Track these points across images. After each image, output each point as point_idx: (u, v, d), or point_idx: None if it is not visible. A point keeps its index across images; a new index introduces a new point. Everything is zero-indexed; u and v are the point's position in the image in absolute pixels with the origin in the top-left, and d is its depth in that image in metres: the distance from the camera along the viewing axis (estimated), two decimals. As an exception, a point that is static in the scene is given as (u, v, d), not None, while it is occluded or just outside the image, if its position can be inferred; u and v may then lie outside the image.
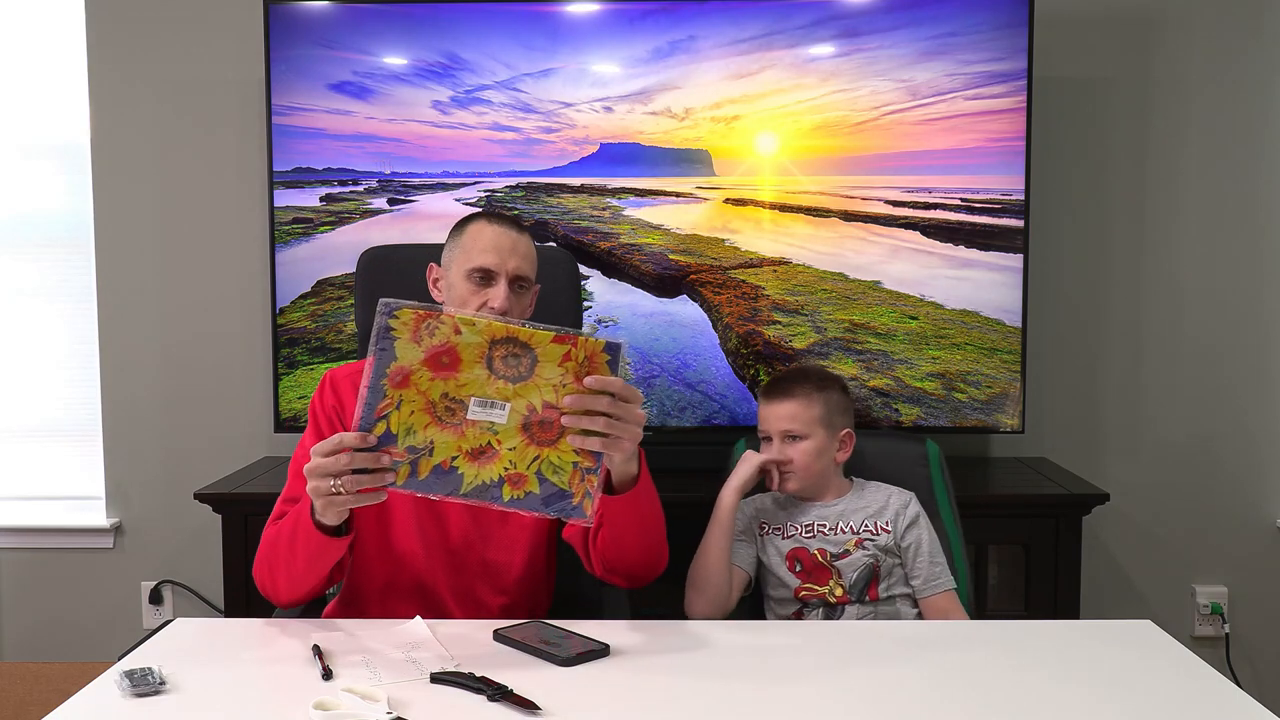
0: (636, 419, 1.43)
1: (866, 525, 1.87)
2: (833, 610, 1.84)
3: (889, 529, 1.87)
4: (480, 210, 1.81)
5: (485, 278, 1.69)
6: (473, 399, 1.37)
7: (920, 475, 2.03)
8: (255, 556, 1.64)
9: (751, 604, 1.95)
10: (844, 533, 1.87)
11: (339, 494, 1.39)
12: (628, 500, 1.55)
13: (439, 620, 1.61)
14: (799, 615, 1.86)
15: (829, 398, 1.92)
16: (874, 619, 1.83)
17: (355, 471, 1.38)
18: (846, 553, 1.85)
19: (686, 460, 2.32)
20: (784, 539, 1.89)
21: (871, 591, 1.84)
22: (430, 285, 1.80)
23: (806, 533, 1.88)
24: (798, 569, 1.86)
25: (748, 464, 1.90)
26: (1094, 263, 2.91)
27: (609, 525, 1.59)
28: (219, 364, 2.96)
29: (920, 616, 1.87)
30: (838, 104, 2.69)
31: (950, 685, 1.40)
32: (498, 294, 1.67)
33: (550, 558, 1.83)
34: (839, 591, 1.84)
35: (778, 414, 1.90)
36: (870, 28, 2.67)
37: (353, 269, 2.20)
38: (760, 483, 1.95)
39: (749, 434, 2.09)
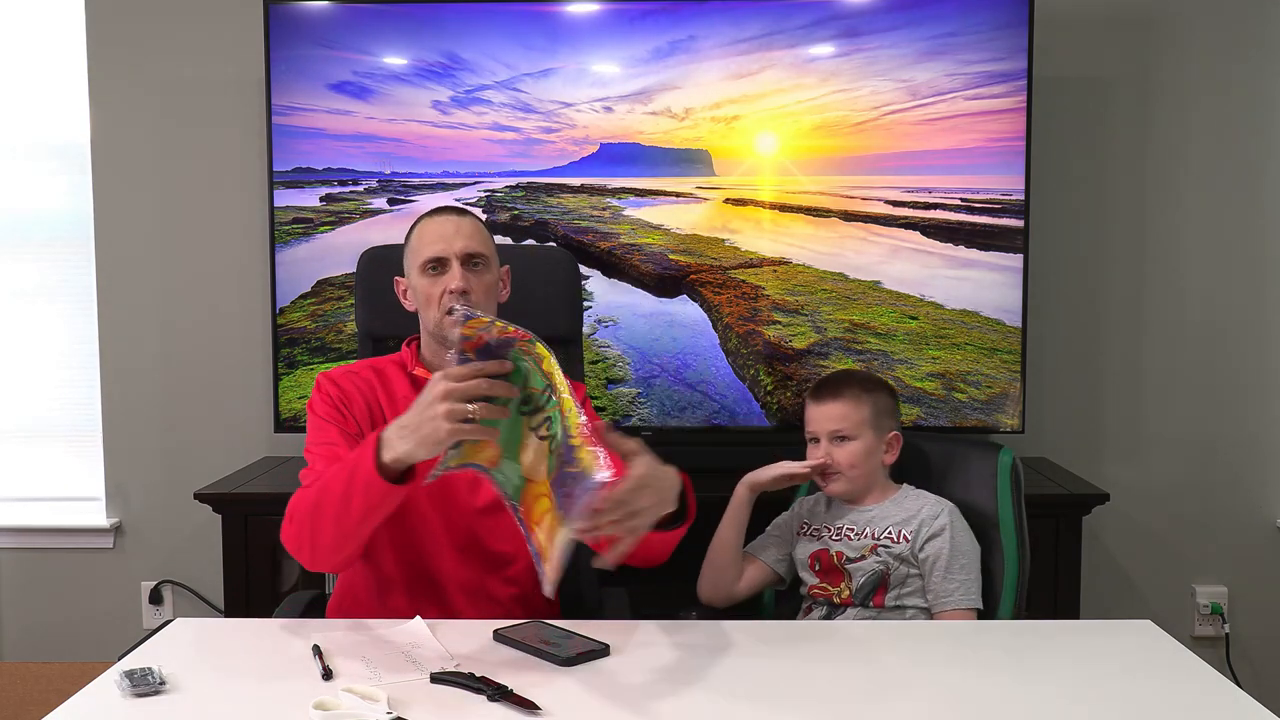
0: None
1: (888, 533, 1.87)
2: (834, 610, 1.85)
3: (908, 538, 1.86)
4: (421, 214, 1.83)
5: (437, 266, 1.71)
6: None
7: (986, 484, 1.96)
8: (286, 517, 1.58)
9: (791, 601, 1.98)
10: (865, 538, 1.88)
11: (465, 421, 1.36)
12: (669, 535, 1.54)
13: (439, 620, 1.61)
14: (807, 610, 1.90)
15: (877, 400, 1.92)
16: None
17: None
18: (860, 558, 1.86)
19: (686, 460, 2.29)
20: (814, 540, 1.92)
21: (877, 598, 1.85)
22: (401, 297, 1.82)
23: (834, 536, 1.90)
24: (816, 568, 1.89)
25: (774, 471, 1.93)
26: (1094, 263, 2.91)
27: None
28: (219, 364, 2.96)
29: None
30: (838, 104, 2.69)
31: (951, 685, 1.40)
32: (453, 276, 1.69)
33: None
34: (845, 594, 1.85)
35: (827, 414, 1.90)
36: (870, 28, 2.67)
37: (353, 269, 2.20)
38: (813, 484, 1.99)
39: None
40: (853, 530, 1.90)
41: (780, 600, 2.01)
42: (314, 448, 1.70)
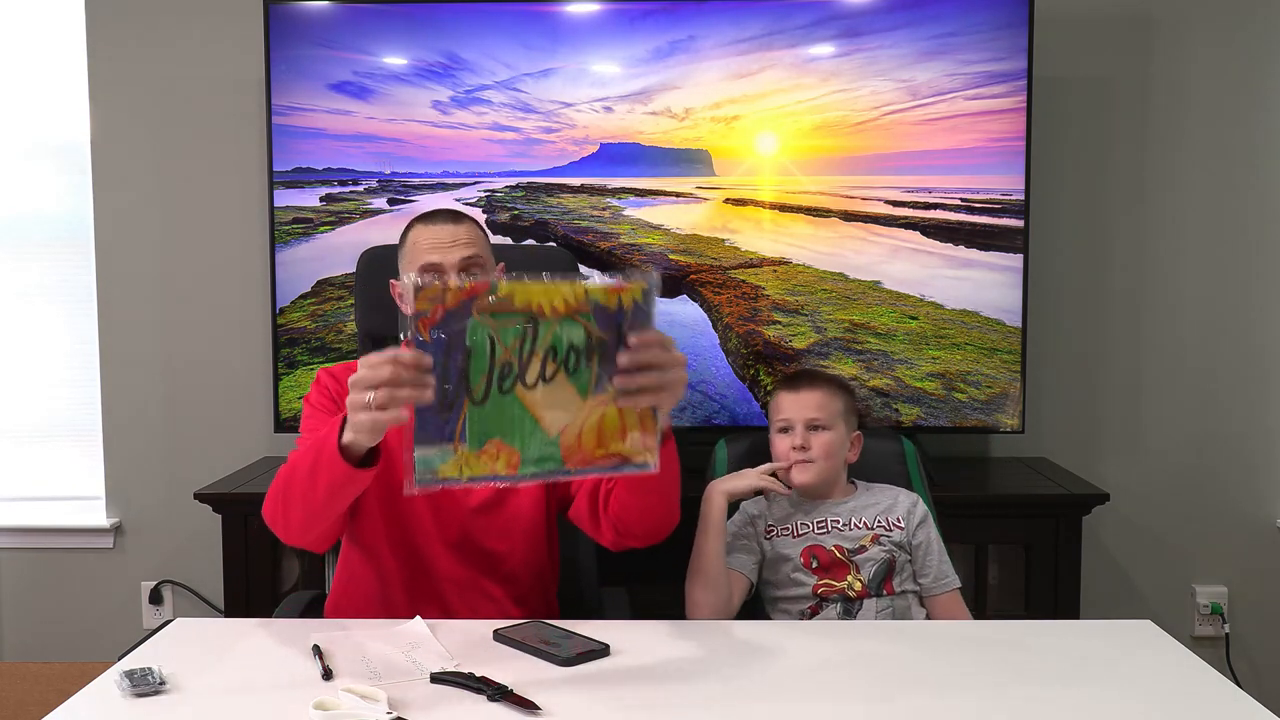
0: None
1: (880, 521, 1.88)
2: (851, 604, 1.84)
3: (901, 525, 1.88)
4: (417, 215, 1.79)
5: (434, 274, 1.69)
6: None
7: (898, 472, 2.04)
8: (267, 493, 1.60)
9: (751, 609, 1.95)
10: (859, 528, 1.88)
11: (372, 410, 1.33)
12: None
13: (439, 620, 1.61)
14: (815, 610, 1.87)
15: (845, 397, 1.96)
16: (891, 613, 1.83)
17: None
18: (863, 548, 1.86)
19: (686, 460, 2.30)
20: (795, 538, 1.90)
21: (888, 586, 1.85)
22: (397, 300, 1.78)
23: (820, 529, 1.89)
24: (814, 565, 1.87)
25: (747, 479, 1.90)
26: (1094, 263, 2.91)
27: (632, 491, 1.57)
28: (219, 364, 2.96)
29: (927, 614, 1.87)
30: (838, 104, 2.69)
31: (951, 685, 1.40)
32: None
33: (551, 542, 1.84)
34: (858, 586, 1.84)
35: (805, 402, 1.92)
36: (870, 28, 2.67)
37: (353, 269, 2.20)
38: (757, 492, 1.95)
39: (734, 434, 2.10)
40: (839, 521, 1.89)
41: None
42: (305, 436, 1.71)
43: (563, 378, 1.33)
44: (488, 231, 1.81)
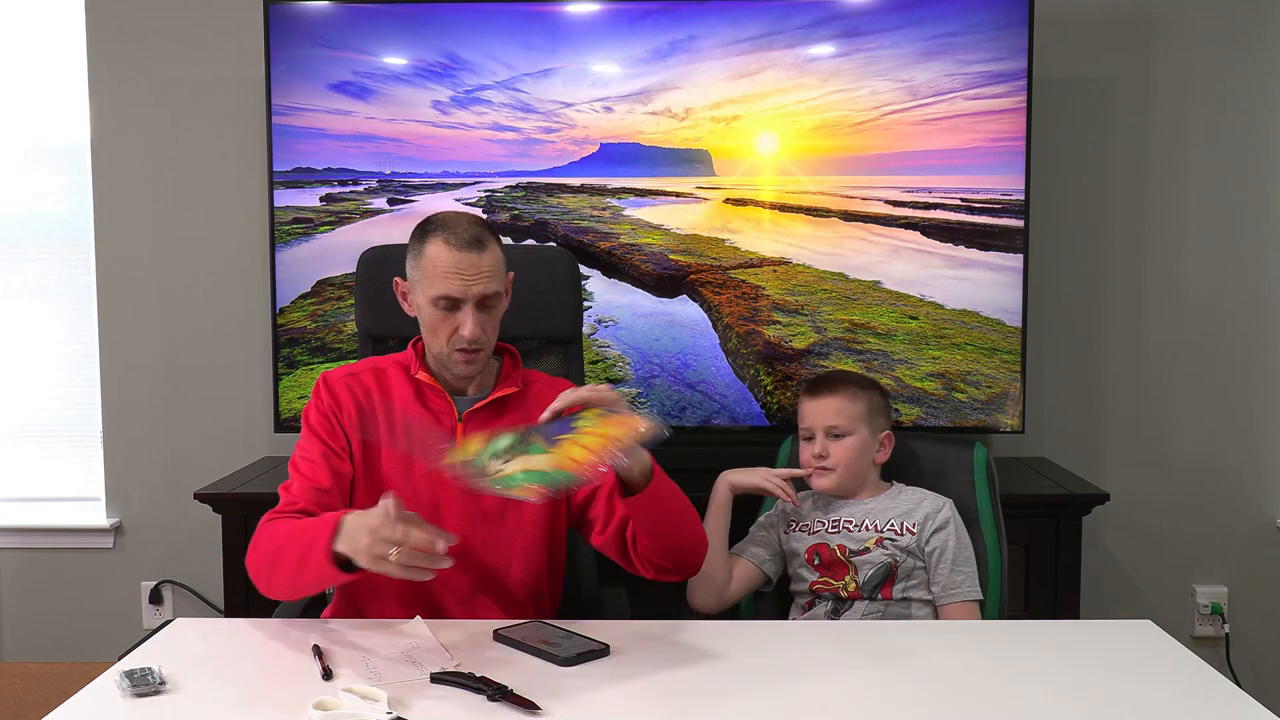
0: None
1: (891, 525, 1.88)
2: (841, 604, 1.85)
3: (914, 531, 1.87)
4: (436, 220, 1.70)
5: (451, 305, 1.67)
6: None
7: (964, 480, 2.00)
8: (252, 544, 1.61)
9: (779, 601, 1.97)
10: (868, 530, 1.88)
11: (389, 563, 1.39)
12: (649, 494, 1.57)
13: (439, 620, 1.61)
14: (810, 606, 1.88)
15: (871, 397, 1.95)
16: (882, 618, 1.83)
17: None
18: (866, 550, 1.86)
19: (687, 460, 2.30)
20: (809, 535, 1.91)
21: (885, 590, 1.85)
22: (400, 299, 1.77)
23: (831, 529, 1.90)
24: (816, 562, 1.88)
25: (754, 478, 1.93)
26: (1094, 263, 2.91)
27: (641, 524, 1.61)
28: (219, 364, 2.96)
29: None
30: (838, 104, 2.69)
31: (951, 685, 1.40)
32: (466, 322, 1.66)
33: (555, 560, 1.82)
34: (851, 587, 1.85)
35: (823, 409, 1.92)
36: (870, 28, 2.67)
37: (353, 269, 2.20)
38: (798, 484, 1.98)
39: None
40: (851, 523, 1.89)
41: (757, 601, 2.00)
42: (299, 461, 1.72)
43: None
44: (504, 249, 1.73)
